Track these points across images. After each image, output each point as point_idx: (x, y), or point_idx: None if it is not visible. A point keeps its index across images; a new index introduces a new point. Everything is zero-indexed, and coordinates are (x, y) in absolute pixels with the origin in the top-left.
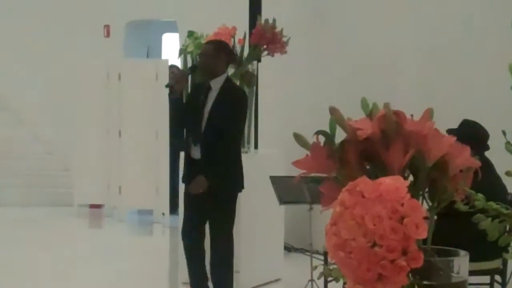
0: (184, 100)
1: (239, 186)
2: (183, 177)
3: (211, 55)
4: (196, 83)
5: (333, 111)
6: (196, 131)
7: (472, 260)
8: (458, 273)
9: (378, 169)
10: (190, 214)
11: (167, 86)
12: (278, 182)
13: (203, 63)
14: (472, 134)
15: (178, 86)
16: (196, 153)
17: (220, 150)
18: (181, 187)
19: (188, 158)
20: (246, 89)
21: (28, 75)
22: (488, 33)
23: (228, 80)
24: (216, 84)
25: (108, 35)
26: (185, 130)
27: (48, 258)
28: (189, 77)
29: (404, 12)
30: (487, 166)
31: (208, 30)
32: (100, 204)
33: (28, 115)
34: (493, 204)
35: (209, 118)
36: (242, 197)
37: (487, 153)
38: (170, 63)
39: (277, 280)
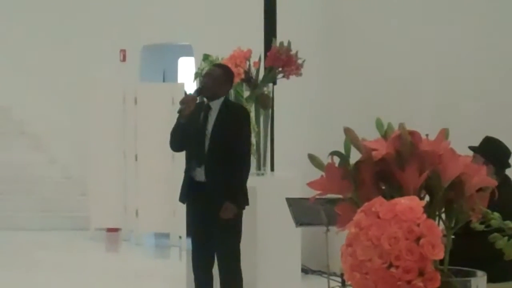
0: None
1: (244, 204)
2: (182, 198)
3: (220, 79)
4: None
5: (347, 131)
6: (199, 153)
7: (490, 280)
8: None
9: (394, 189)
10: (198, 239)
11: (179, 111)
12: (295, 204)
13: (209, 84)
14: (493, 152)
15: (186, 110)
16: (200, 175)
17: (226, 171)
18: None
19: (190, 180)
20: (262, 112)
21: (44, 100)
22: (505, 52)
23: (226, 100)
24: (215, 105)
25: (124, 59)
26: (186, 151)
27: (65, 282)
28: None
29: (419, 31)
30: (507, 184)
31: (223, 53)
32: (117, 228)
33: (45, 140)
34: (509, 223)
35: (211, 138)
36: (258, 219)
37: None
38: (186, 86)
39: None
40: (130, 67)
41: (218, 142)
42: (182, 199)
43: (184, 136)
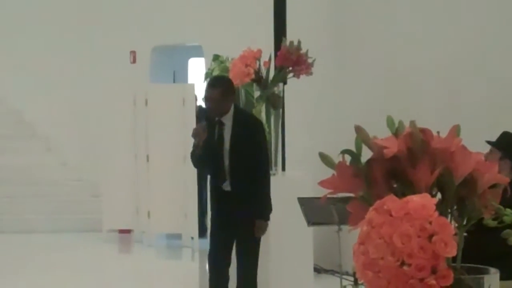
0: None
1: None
2: (211, 202)
3: (219, 99)
4: (205, 122)
5: (358, 130)
6: (220, 171)
7: (502, 278)
8: None
9: (405, 187)
10: (217, 241)
11: (194, 146)
12: (306, 204)
13: (212, 108)
14: (510, 146)
15: (200, 142)
16: (226, 186)
17: (251, 182)
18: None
19: (217, 190)
20: (273, 111)
21: (55, 102)
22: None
23: (236, 110)
24: (227, 119)
25: (134, 61)
26: (206, 168)
27: (78, 284)
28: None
29: (430, 29)
30: None
31: (233, 54)
32: (129, 229)
33: (56, 142)
34: None
35: (230, 156)
36: (271, 219)
37: None
38: (196, 87)
39: None
40: (140, 68)
41: (237, 158)
42: (214, 209)
43: (204, 158)
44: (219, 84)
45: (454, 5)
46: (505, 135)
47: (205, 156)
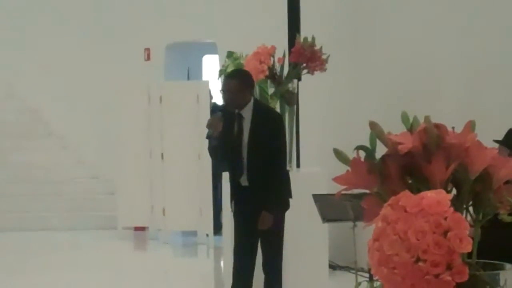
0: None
1: (287, 204)
2: (231, 197)
3: (237, 91)
4: (225, 115)
5: (373, 125)
6: (238, 164)
7: None
8: (504, 286)
9: (420, 183)
10: (242, 238)
11: (208, 136)
12: (321, 200)
13: (229, 99)
14: None
15: (215, 132)
16: (244, 181)
17: (268, 176)
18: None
19: (236, 183)
20: (287, 108)
21: (70, 100)
22: None
23: (256, 104)
24: (247, 112)
25: (148, 58)
26: (226, 161)
27: (93, 281)
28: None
29: (444, 26)
30: None
31: (247, 50)
32: (145, 227)
33: (72, 140)
34: None
35: (249, 149)
36: (285, 215)
37: None
38: (210, 84)
39: None
40: (154, 66)
41: (254, 152)
42: (231, 198)
43: (222, 150)
44: (237, 76)
45: (473, 2)
46: (511, 132)
47: (223, 149)
